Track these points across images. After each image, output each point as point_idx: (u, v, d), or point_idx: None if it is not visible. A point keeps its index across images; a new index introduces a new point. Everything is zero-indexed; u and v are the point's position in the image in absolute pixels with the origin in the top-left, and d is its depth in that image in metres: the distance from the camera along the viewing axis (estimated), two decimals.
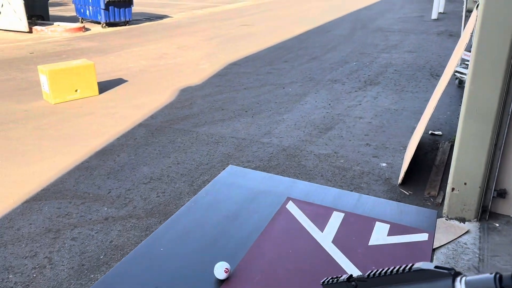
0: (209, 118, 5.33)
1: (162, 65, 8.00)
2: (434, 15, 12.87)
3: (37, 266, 2.80)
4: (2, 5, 11.44)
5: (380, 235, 1.48)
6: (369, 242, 1.45)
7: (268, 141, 4.64)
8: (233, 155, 4.34)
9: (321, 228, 1.52)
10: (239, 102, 5.91)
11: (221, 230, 1.55)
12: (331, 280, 0.71)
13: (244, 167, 3.99)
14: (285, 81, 6.88)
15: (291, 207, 1.66)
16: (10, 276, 2.72)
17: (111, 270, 1.38)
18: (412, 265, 0.60)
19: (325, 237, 1.47)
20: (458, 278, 0.56)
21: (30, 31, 11.42)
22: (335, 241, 1.45)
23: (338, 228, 1.52)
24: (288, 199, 1.72)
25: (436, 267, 0.58)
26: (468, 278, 0.55)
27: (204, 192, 1.81)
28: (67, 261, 2.85)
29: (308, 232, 1.51)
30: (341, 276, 0.70)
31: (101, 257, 2.89)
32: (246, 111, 5.56)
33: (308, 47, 9.43)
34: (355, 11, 15.18)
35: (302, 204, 1.68)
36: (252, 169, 3.92)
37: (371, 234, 1.50)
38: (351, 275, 0.68)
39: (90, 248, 2.98)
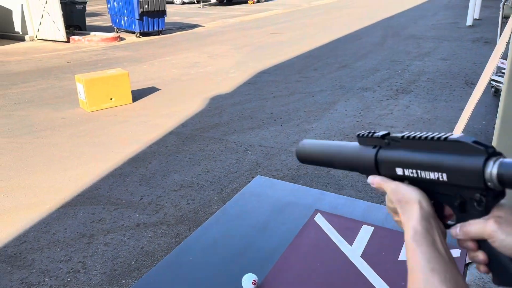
0: (238, 126, 5.38)
1: (193, 73, 8.14)
2: (469, 22, 12.55)
3: (71, 270, 2.90)
4: (42, 16, 11.96)
5: None
6: (399, 257, 1.43)
7: None
8: (262, 163, 4.36)
9: (350, 242, 1.51)
10: (268, 111, 5.94)
11: (249, 241, 1.57)
12: (367, 133, 0.70)
13: (272, 175, 4.00)
14: (314, 89, 6.87)
15: (319, 219, 1.66)
16: (46, 279, 2.82)
17: (141, 278, 1.42)
18: (450, 135, 0.56)
19: (354, 251, 1.46)
20: (494, 158, 0.51)
21: (68, 41, 11.88)
22: (364, 256, 1.44)
23: (367, 242, 1.51)
24: (316, 211, 1.72)
25: (474, 142, 0.53)
26: (505, 160, 0.50)
27: (232, 202, 1.83)
28: (100, 266, 2.93)
29: (337, 245, 1.50)
30: (377, 132, 0.68)
31: (133, 262, 2.95)
32: (275, 120, 5.58)
33: (338, 55, 9.38)
34: (386, 18, 15.00)
35: (331, 217, 1.67)
36: (280, 178, 3.93)
37: (401, 249, 1.47)
38: (388, 133, 0.66)
39: (122, 253, 3.05)
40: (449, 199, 0.59)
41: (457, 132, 3.80)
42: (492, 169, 0.50)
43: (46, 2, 11.66)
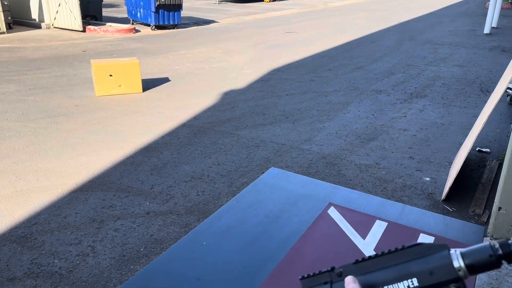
0: (250, 122, 5.39)
1: (207, 68, 8.16)
2: (486, 30, 12.41)
3: (80, 254, 2.93)
4: (60, 4, 12.05)
5: None
6: None
7: (308, 148, 4.63)
8: (272, 159, 4.36)
9: (363, 236, 1.51)
10: (280, 108, 5.94)
11: (261, 230, 1.57)
12: (311, 274, 0.70)
13: None
14: (328, 89, 6.85)
15: (333, 212, 1.66)
16: (56, 261, 2.86)
17: (155, 260, 1.43)
18: (406, 244, 0.60)
19: (367, 245, 1.46)
20: (453, 250, 0.57)
21: (84, 30, 11.97)
22: (377, 250, 1.44)
23: (381, 237, 1.51)
24: (330, 204, 1.72)
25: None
26: (463, 250, 0.56)
27: (246, 192, 1.84)
28: (109, 251, 2.95)
29: (350, 238, 1.50)
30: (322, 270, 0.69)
31: (141, 249, 2.98)
32: (287, 117, 5.58)
33: (353, 57, 9.34)
34: (403, 23, 14.89)
35: (344, 211, 1.67)
36: None
37: None
38: (333, 268, 0.67)
39: (132, 240, 3.08)
40: None
41: (472, 138, 3.76)
42: (459, 260, 0.55)
43: None
